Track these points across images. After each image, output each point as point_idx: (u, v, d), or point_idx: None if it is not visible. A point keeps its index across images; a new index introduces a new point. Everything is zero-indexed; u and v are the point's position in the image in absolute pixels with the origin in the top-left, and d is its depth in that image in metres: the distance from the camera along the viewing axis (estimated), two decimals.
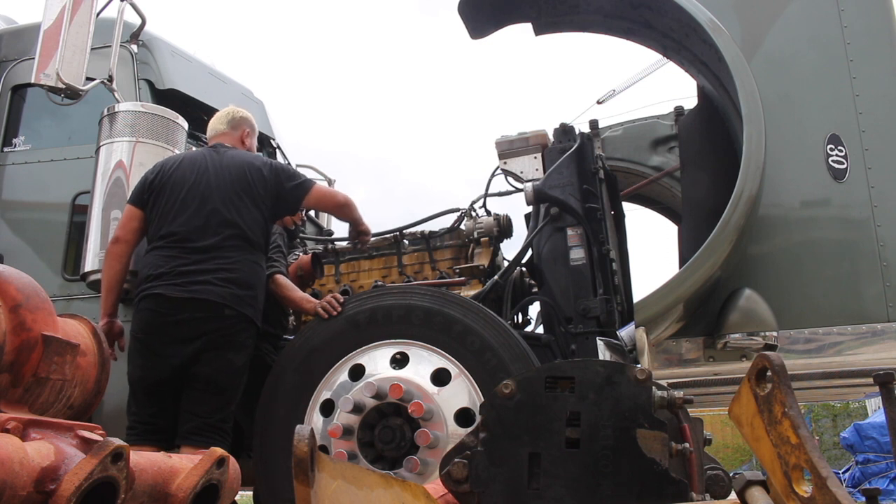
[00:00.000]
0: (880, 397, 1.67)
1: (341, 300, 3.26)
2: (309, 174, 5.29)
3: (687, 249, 3.69)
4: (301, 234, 4.41)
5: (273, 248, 3.57)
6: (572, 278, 3.23)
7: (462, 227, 4.03)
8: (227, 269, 2.97)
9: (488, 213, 4.02)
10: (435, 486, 1.89)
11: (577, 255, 3.25)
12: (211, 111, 4.57)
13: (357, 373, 3.13)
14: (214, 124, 3.42)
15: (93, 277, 3.53)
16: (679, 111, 4.87)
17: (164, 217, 3.06)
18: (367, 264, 4.27)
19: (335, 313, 3.20)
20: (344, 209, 3.36)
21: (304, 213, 4.26)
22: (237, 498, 2.74)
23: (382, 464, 2.99)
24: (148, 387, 2.91)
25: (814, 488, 1.08)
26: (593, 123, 5.23)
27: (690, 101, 4.54)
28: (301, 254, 3.96)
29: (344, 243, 4.46)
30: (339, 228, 5.33)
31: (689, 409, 1.99)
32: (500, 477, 1.74)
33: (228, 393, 2.94)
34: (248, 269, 3.03)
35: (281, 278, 3.45)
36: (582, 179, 3.33)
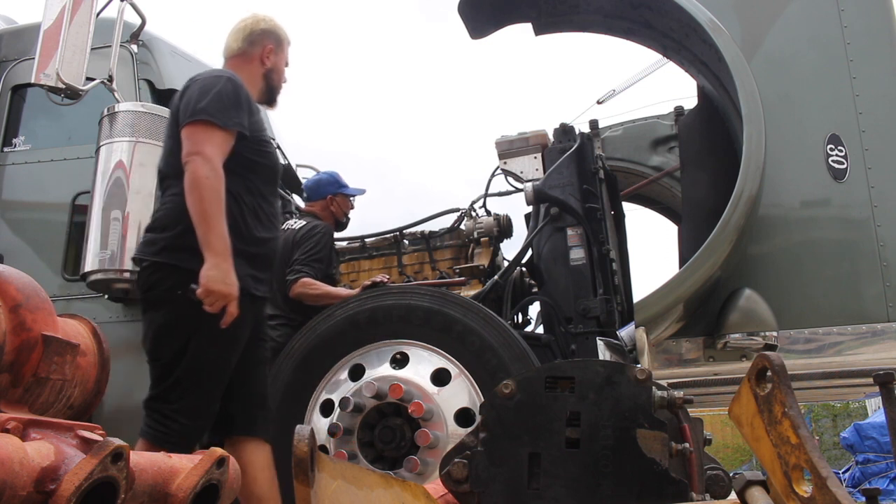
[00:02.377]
0: (880, 397, 1.67)
1: (385, 279, 3.41)
2: (309, 174, 5.30)
3: (687, 249, 3.69)
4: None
5: (310, 249, 3.59)
6: (572, 278, 3.23)
7: (462, 227, 4.03)
8: (153, 216, 2.61)
9: (488, 213, 4.02)
10: (435, 486, 1.89)
11: (577, 255, 3.25)
12: None
13: (357, 373, 3.13)
14: (227, 41, 2.73)
15: (93, 277, 3.53)
16: (679, 111, 4.87)
17: None
18: (367, 264, 4.27)
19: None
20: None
21: (352, 200, 4.13)
22: None
23: (382, 464, 3.00)
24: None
25: (814, 488, 1.08)
26: (593, 123, 5.23)
27: (690, 101, 4.54)
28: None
29: (344, 243, 4.46)
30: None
31: (689, 409, 1.99)
32: (500, 477, 1.74)
33: (159, 360, 2.41)
34: (164, 206, 2.51)
35: (307, 280, 3.50)
36: (582, 179, 3.34)
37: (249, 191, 2.48)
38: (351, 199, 4.11)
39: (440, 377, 3.04)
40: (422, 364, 3.08)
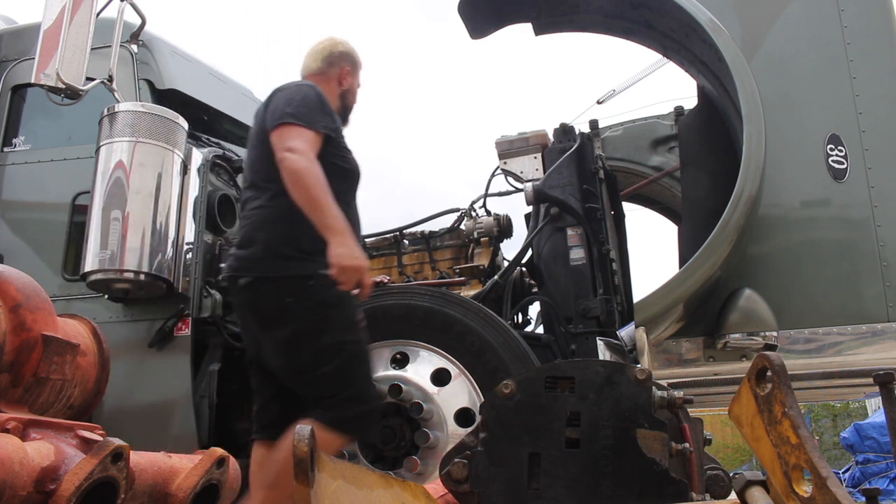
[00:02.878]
0: (880, 397, 1.67)
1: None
2: None
3: (687, 249, 3.69)
4: None
5: None
6: (572, 278, 3.23)
7: (462, 227, 4.03)
8: (252, 222, 2.49)
9: (488, 213, 4.02)
10: (435, 486, 1.89)
11: (577, 255, 3.25)
12: (211, 111, 4.58)
13: None
14: (307, 61, 2.81)
15: (93, 277, 3.53)
16: (679, 111, 4.87)
17: None
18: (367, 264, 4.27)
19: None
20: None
21: None
22: None
23: (382, 464, 3.00)
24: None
25: (814, 488, 1.08)
26: (593, 123, 5.23)
27: (690, 101, 4.54)
28: None
29: None
30: None
31: (689, 409, 1.99)
32: (500, 477, 1.73)
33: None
34: (264, 211, 2.50)
35: None
36: (582, 179, 3.34)
37: (335, 194, 2.44)
38: None
39: (440, 377, 3.04)
40: (422, 364, 3.08)
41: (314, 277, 2.30)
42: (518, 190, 3.86)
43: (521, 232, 3.81)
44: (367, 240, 4.35)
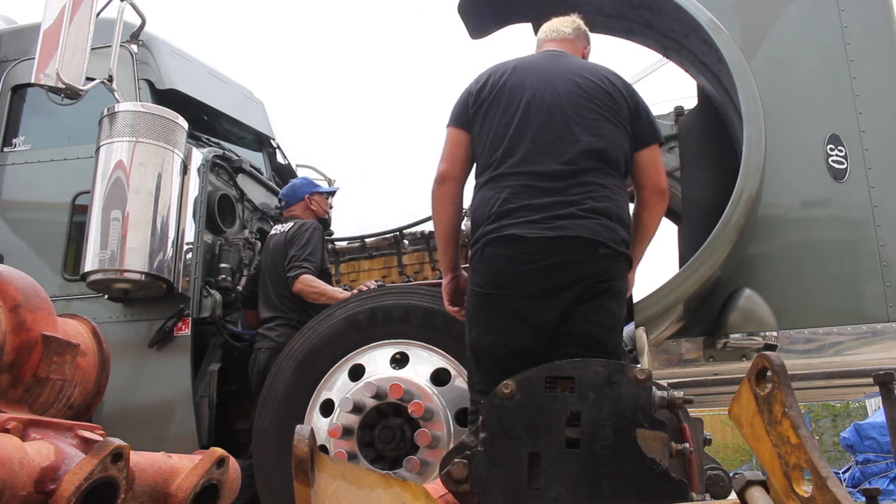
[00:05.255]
0: (880, 397, 1.67)
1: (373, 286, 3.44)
2: (309, 174, 5.30)
3: (687, 249, 3.69)
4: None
5: (303, 245, 3.66)
6: None
7: (462, 227, 4.03)
8: (593, 197, 2.34)
9: None
10: (435, 486, 1.89)
11: None
12: (211, 111, 4.59)
13: (357, 373, 3.13)
14: (557, 25, 2.77)
15: (93, 277, 3.53)
16: (679, 111, 4.86)
17: (498, 137, 2.43)
18: (367, 264, 4.28)
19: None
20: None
21: (330, 200, 4.27)
22: None
23: (382, 464, 3.00)
24: (502, 357, 2.31)
25: (814, 488, 1.08)
26: None
27: (690, 101, 4.54)
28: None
29: (344, 243, 4.47)
30: (339, 228, 5.33)
31: (689, 409, 1.99)
32: (500, 477, 1.73)
33: (609, 350, 2.31)
34: (617, 196, 2.42)
35: (308, 277, 3.56)
36: None
37: None
38: (328, 198, 4.18)
39: (440, 377, 3.04)
40: (422, 364, 3.08)
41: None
42: None
43: None
44: (367, 240, 4.35)
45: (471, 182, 2.58)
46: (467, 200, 2.58)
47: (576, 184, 2.33)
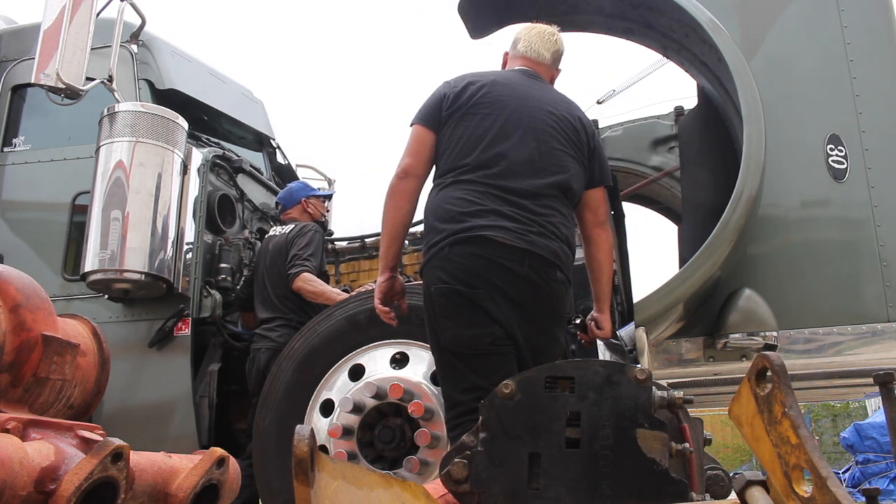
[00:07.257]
0: (880, 397, 1.66)
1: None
2: (309, 174, 5.30)
3: (687, 249, 3.69)
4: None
5: (304, 245, 3.67)
6: (573, 278, 3.22)
7: None
8: (553, 222, 2.45)
9: None
10: (435, 486, 1.89)
11: (577, 255, 3.24)
12: (211, 111, 4.59)
13: (357, 373, 3.14)
14: (538, 47, 2.82)
15: (93, 277, 3.53)
16: (679, 111, 4.86)
17: (470, 145, 2.46)
18: (367, 264, 4.28)
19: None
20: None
21: (327, 203, 4.32)
22: None
23: (382, 464, 3.00)
24: (488, 345, 2.34)
25: (814, 488, 1.08)
26: (593, 123, 5.22)
27: (690, 101, 4.54)
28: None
29: (344, 243, 4.47)
30: (339, 228, 5.33)
31: (689, 409, 1.99)
32: (500, 477, 1.73)
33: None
34: (571, 226, 2.57)
35: (308, 275, 3.58)
36: None
37: None
38: (325, 201, 4.22)
39: None
40: (422, 364, 3.08)
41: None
42: None
43: None
44: (366, 240, 4.35)
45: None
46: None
47: (541, 205, 2.43)
